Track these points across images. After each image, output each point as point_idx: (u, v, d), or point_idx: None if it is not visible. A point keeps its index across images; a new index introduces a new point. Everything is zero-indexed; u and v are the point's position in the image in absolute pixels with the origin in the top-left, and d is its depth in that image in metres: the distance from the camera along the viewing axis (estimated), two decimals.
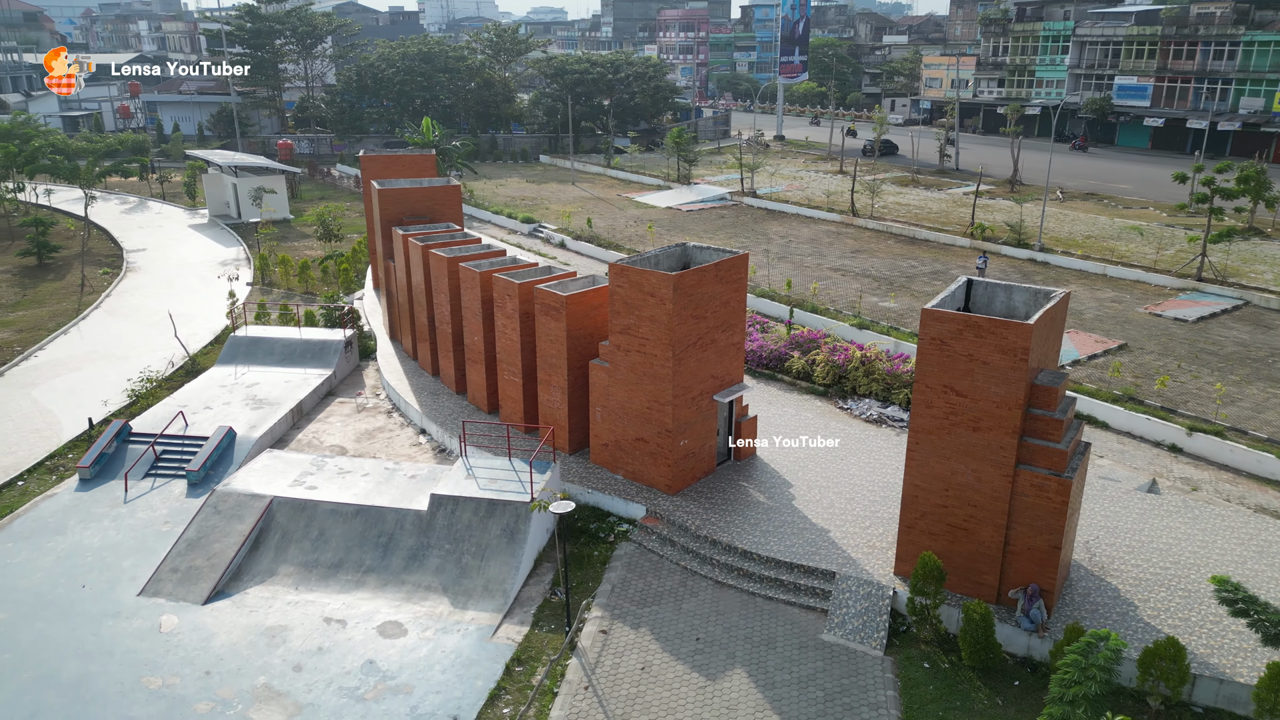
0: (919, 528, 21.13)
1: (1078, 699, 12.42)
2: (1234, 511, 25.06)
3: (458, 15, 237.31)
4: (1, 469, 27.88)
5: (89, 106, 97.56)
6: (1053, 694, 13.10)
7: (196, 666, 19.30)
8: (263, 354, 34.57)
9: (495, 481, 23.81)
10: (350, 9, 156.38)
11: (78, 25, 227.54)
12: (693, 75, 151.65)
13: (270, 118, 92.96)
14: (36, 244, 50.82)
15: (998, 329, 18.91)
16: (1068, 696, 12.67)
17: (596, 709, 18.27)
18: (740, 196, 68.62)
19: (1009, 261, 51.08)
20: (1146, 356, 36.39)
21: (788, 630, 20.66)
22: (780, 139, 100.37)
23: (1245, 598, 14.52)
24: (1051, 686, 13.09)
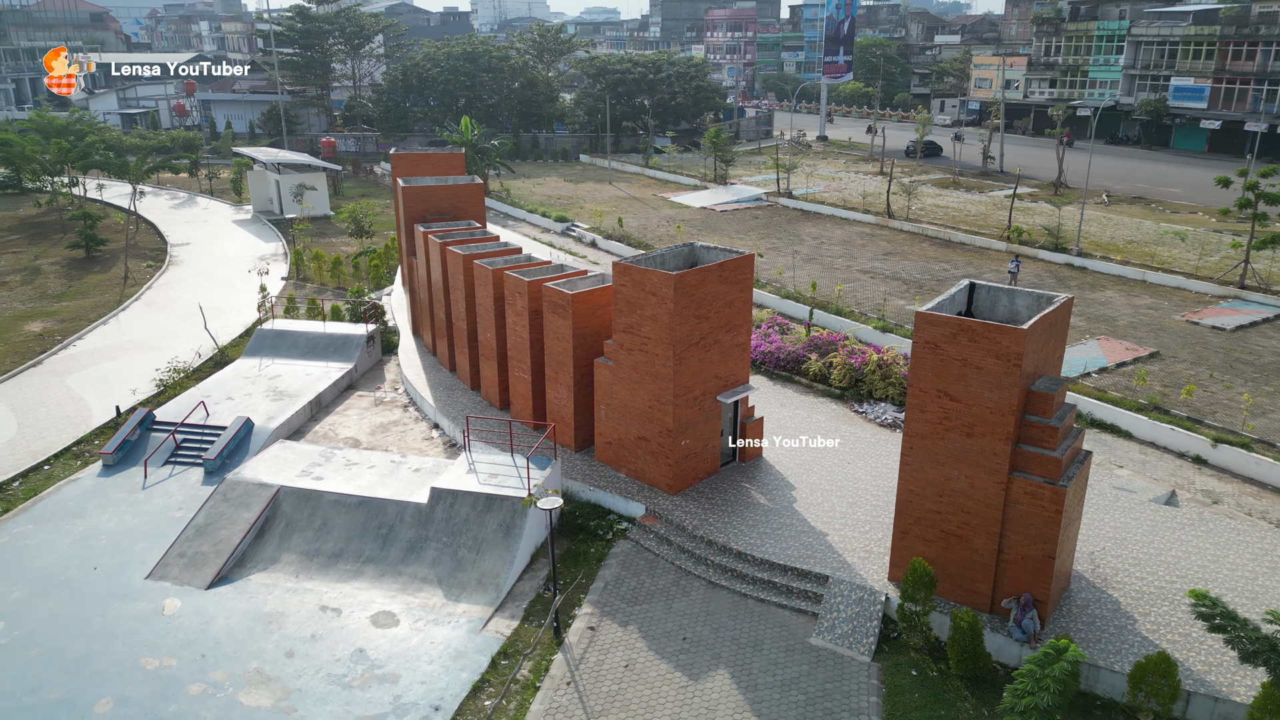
0: (913, 533, 20.88)
1: (1029, 709, 12.20)
2: (1252, 526, 24.32)
3: (509, 15, 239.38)
4: (31, 453, 28.90)
5: (146, 104, 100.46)
6: (1005, 704, 12.89)
7: (194, 649, 19.83)
8: (287, 347, 35.32)
9: (495, 477, 24.06)
10: (402, 9, 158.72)
11: (144, 25, 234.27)
12: (739, 75, 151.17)
13: (319, 116, 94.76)
14: (84, 237, 52.49)
15: (991, 333, 18.61)
16: (1019, 707, 12.46)
17: (576, 704, 18.38)
18: (776, 197, 68.25)
19: (1045, 266, 50.08)
20: (1178, 365, 35.43)
21: (776, 633, 20.56)
22: (823, 139, 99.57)
23: (1223, 613, 14.10)
24: (1005, 697, 12.87)
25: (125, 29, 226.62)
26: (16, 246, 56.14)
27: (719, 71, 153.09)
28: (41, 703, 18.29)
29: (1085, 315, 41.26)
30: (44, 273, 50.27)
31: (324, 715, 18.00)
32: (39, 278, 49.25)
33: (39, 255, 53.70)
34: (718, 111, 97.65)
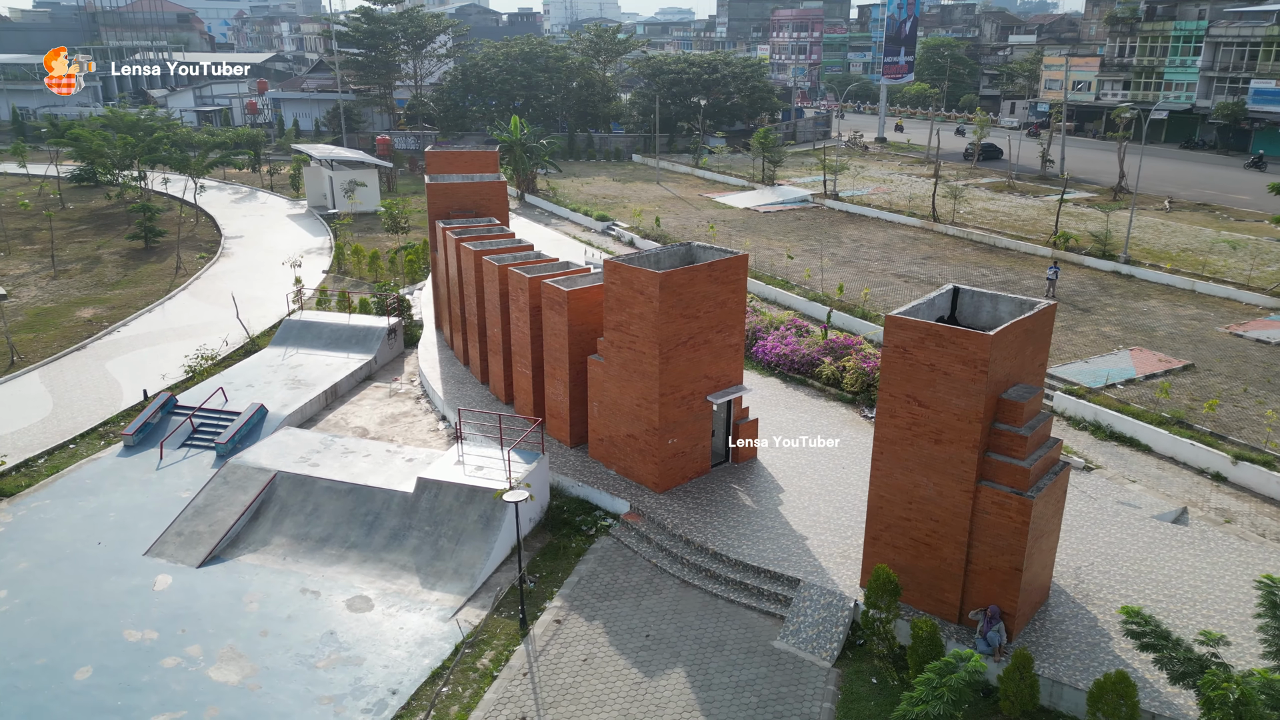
0: (883, 540, 20.60)
1: (920, 717, 12.01)
2: (1259, 547, 23.33)
3: (580, 16, 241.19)
4: (60, 433, 30.38)
5: (220, 102, 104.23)
6: (897, 712, 12.68)
7: (175, 624, 20.67)
8: (312, 338, 36.39)
9: (482, 469, 24.46)
10: (472, 10, 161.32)
11: (231, 27, 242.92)
12: (804, 75, 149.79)
13: (382, 114, 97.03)
14: (143, 229, 54.79)
15: (958, 339, 18.27)
16: (911, 715, 12.26)
17: (529, 695, 18.64)
18: (821, 199, 67.54)
19: (1089, 273, 48.57)
20: (1212, 379, 34.07)
21: (740, 634, 20.50)
22: (881, 141, 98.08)
23: (1155, 632, 13.60)
24: (901, 704, 12.66)
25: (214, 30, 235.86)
26: (83, 236, 58.89)
27: (783, 72, 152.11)
28: (28, 668, 19.29)
29: (1123, 325, 39.94)
30: (104, 262, 52.64)
31: (285, 693, 18.60)
32: (98, 266, 51.60)
33: (101, 245, 56.25)
34: (773, 112, 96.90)
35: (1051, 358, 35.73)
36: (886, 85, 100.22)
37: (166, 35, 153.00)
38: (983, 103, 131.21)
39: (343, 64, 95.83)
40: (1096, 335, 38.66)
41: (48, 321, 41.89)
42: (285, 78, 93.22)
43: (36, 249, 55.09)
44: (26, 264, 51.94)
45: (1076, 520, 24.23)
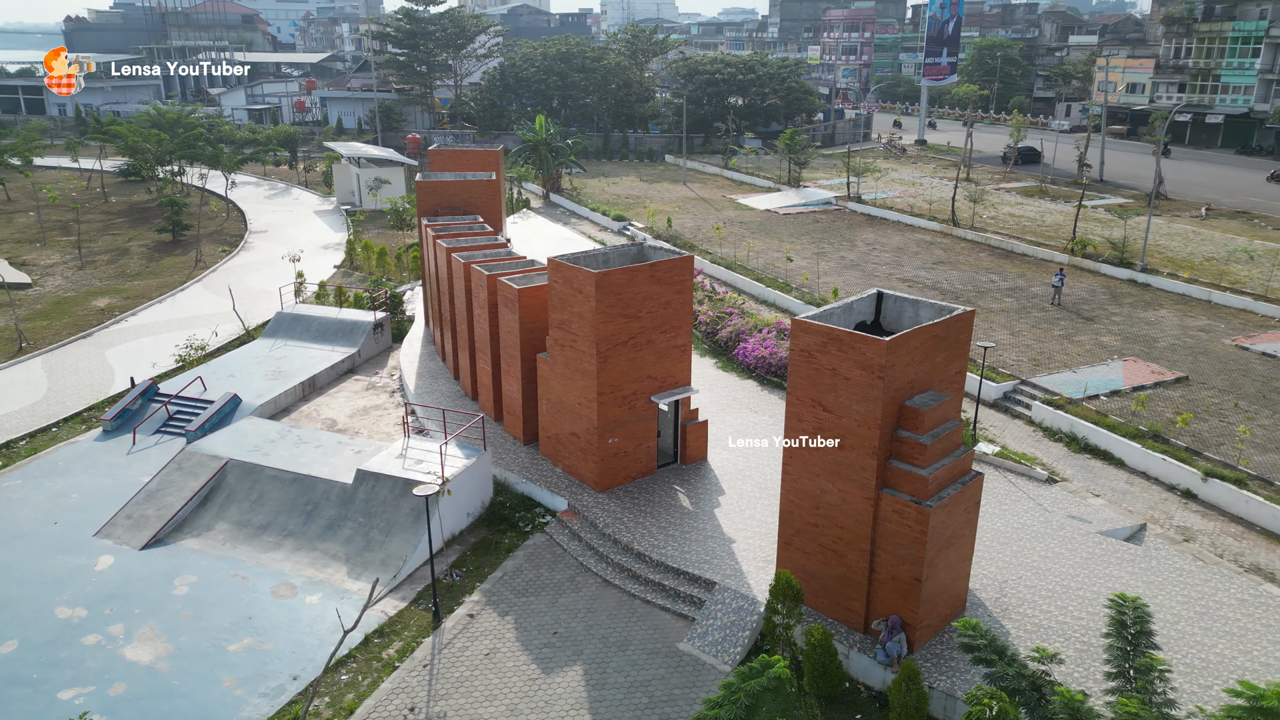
0: (794, 545, 20.38)
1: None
2: (1204, 568, 22.47)
3: (638, 17, 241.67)
4: (48, 416, 31.65)
5: (270, 100, 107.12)
6: (695, 714, 12.57)
7: (106, 603, 21.42)
8: (300, 330, 37.26)
9: (422, 463, 24.80)
10: (524, 11, 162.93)
11: (298, 28, 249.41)
12: (854, 77, 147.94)
13: (423, 114, 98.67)
14: (171, 222, 56.66)
15: (857, 343, 17.99)
16: (706, 717, 12.14)
17: (423, 686, 18.89)
18: (844, 201, 66.73)
19: (1103, 281, 47.15)
20: (1204, 392, 32.84)
21: (648, 635, 20.47)
22: (921, 143, 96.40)
23: (990, 645, 13.20)
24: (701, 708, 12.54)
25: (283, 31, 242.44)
26: (118, 229, 61.12)
27: (832, 73, 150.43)
28: None
29: (1124, 335, 38.71)
30: (131, 254, 54.58)
31: (190, 674, 19.15)
32: (124, 258, 53.52)
33: (132, 238, 58.32)
34: (810, 114, 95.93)
35: (1039, 366, 34.87)
36: (928, 86, 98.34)
37: (230, 36, 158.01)
38: (1036, 105, 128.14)
39: (384, 63, 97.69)
40: (1093, 345, 37.54)
41: (64, 310, 43.63)
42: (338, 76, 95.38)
43: (71, 240, 57.33)
44: (59, 255, 54.11)
45: (1017, 533, 23.64)
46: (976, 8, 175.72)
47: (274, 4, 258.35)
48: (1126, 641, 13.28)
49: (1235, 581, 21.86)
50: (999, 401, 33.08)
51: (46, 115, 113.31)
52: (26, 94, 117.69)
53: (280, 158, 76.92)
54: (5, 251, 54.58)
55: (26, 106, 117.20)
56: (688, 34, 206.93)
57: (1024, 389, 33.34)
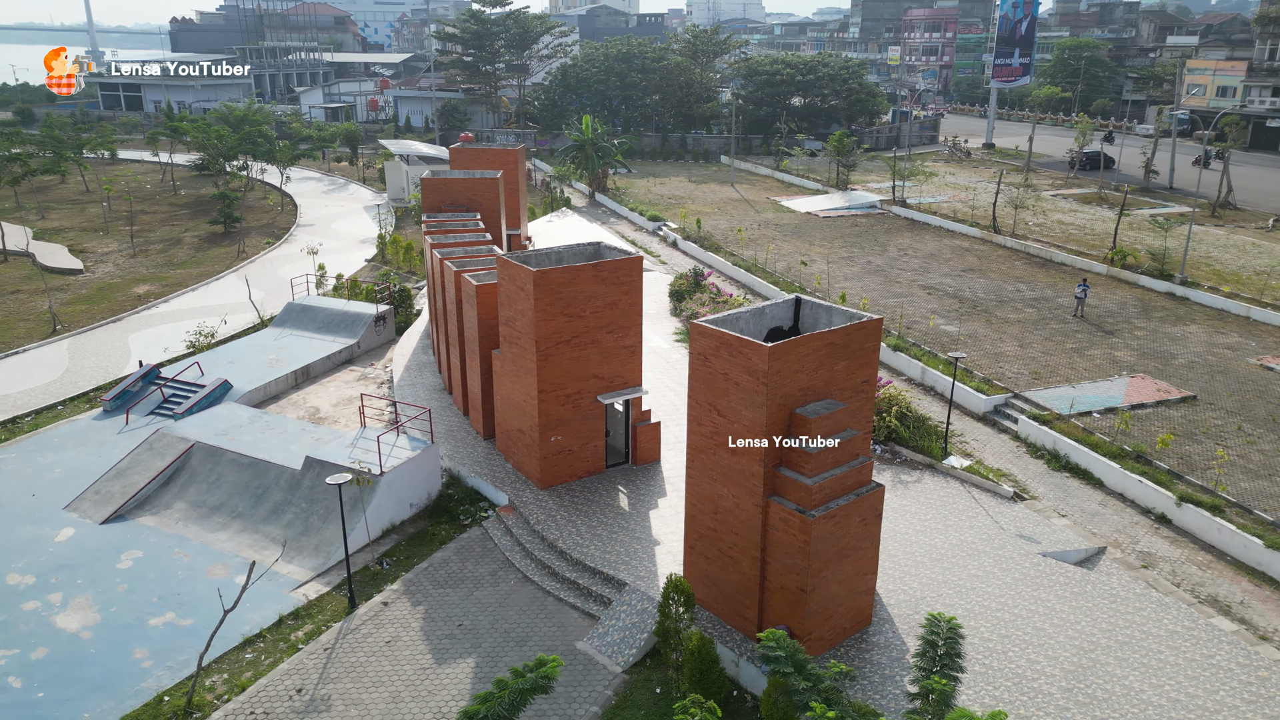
0: (697, 550, 20.21)
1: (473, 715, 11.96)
2: (1153, 597, 21.37)
3: (724, 17, 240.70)
4: (59, 394, 33.54)
5: (346, 98, 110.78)
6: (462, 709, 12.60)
7: (54, 572, 22.65)
8: (307, 321, 38.54)
9: (370, 453, 25.41)
10: (602, 11, 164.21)
11: (394, 29, 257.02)
12: (935, 78, 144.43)
13: (487, 113, 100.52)
14: (223, 215, 59.22)
15: (744, 348, 17.75)
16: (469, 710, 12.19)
17: (318, 669, 19.42)
18: (889, 205, 65.29)
19: (1138, 293, 45.02)
20: (1209, 413, 31.12)
21: (550, 632, 20.59)
22: (989, 147, 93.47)
23: (790, 659, 12.81)
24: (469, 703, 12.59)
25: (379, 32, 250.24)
26: (178, 220, 64.16)
27: (912, 74, 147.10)
28: None
29: (1141, 350, 36.92)
30: (182, 244, 57.26)
31: (108, 644, 20.13)
32: (175, 248, 56.19)
33: (188, 229, 61.15)
34: (872, 115, 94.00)
35: (1038, 380, 33.59)
36: (997, 88, 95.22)
37: (321, 37, 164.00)
38: (1123, 109, 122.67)
39: (451, 63, 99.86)
40: (1105, 359, 35.92)
41: (105, 295, 46.10)
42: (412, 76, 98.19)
43: (135, 228, 60.43)
44: (117, 243, 57.13)
45: (954, 550, 22.89)
46: (1072, 6, 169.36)
47: (373, 6, 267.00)
48: (932, 662, 12.78)
49: (1177, 612, 20.71)
50: (988, 415, 32.00)
51: (141, 111, 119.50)
52: (126, 91, 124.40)
53: (341, 154, 79.49)
54: (69, 239, 57.93)
55: (126, 103, 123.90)
56: (770, 34, 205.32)
57: (1016, 403, 32.16)
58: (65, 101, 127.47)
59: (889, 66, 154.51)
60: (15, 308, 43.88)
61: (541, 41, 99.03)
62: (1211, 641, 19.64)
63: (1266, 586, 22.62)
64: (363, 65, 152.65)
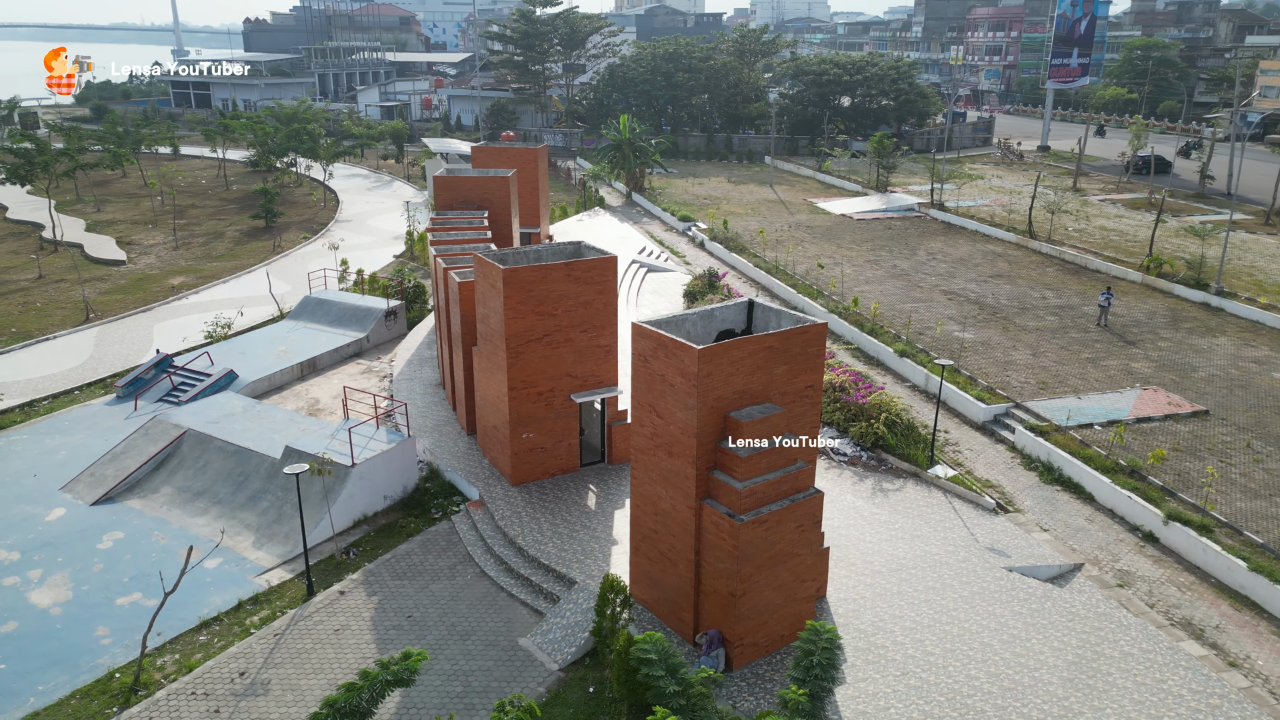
0: (641, 550, 20.19)
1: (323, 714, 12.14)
2: (1119, 617, 20.62)
3: (788, 16, 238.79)
4: (79, 379, 34.90)
5: (401, 97, 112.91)
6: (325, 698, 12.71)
7: (37, 549, 23.61)
8: (321, 314, 39.45)
9: (348, 444, 25.92)
10: (660, 11, 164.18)
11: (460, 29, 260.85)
12: (998, 78, 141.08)
13: (535, 113, 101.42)
14: (263, 209, 60.92)
15: (678, 350, 17.66)
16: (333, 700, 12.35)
17: (264, 653, 19.90)
18: (927, 208, 64.06)
19: (1171, 302, 43.40)
20: (1218, 429, 29.89)
21: (496, 627, 20.77)
22: (1044, 149, 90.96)
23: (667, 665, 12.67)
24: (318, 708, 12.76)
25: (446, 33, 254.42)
26: (225, 214, 66.18)
27: (975, 74, 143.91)
28: None
29: (1160, 362, 35.60)
30: (223, 237, 59.06)
31: (74, 620, 20.93)
32: (216, 241, 57.99)
33: (232, 223, 63.06)
34: (922, 116, 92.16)
35: (1045, 390, 32.68)
36: (1054, 89, 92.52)
37: (385, 37, 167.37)
38: (1195, 110, 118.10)
39: (501, 63, 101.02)
40: (1120, 371, 34.73)
41: (142, 285, 47.83)
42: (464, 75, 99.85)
43: (181, 223, 62.57)
44: (162, 236, 59.18)
45: (916, 560, 22.41)
46: (1148, 5, 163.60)
47: (441, 6, 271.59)
48: (806, 672, 12.55)
49: (1139, 634, 19.96)
50: (987, 424, 31.22)
51: (209, 109, 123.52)
52: (196, 89, 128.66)
53: (387, 151, 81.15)
54: (120, 231, 60.19)
55: (195, 100, 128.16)
56: (833, 33, 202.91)
57: (1017, 413, 31.32)
58: (140, 98, 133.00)
59: (950, 66, 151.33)
60: (56, 296, 45.80)
61: (591, 41, 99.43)
62: (1169, 666, 18.88)
63: (1247, 611, 21.67)
64: (425, 65, 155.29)
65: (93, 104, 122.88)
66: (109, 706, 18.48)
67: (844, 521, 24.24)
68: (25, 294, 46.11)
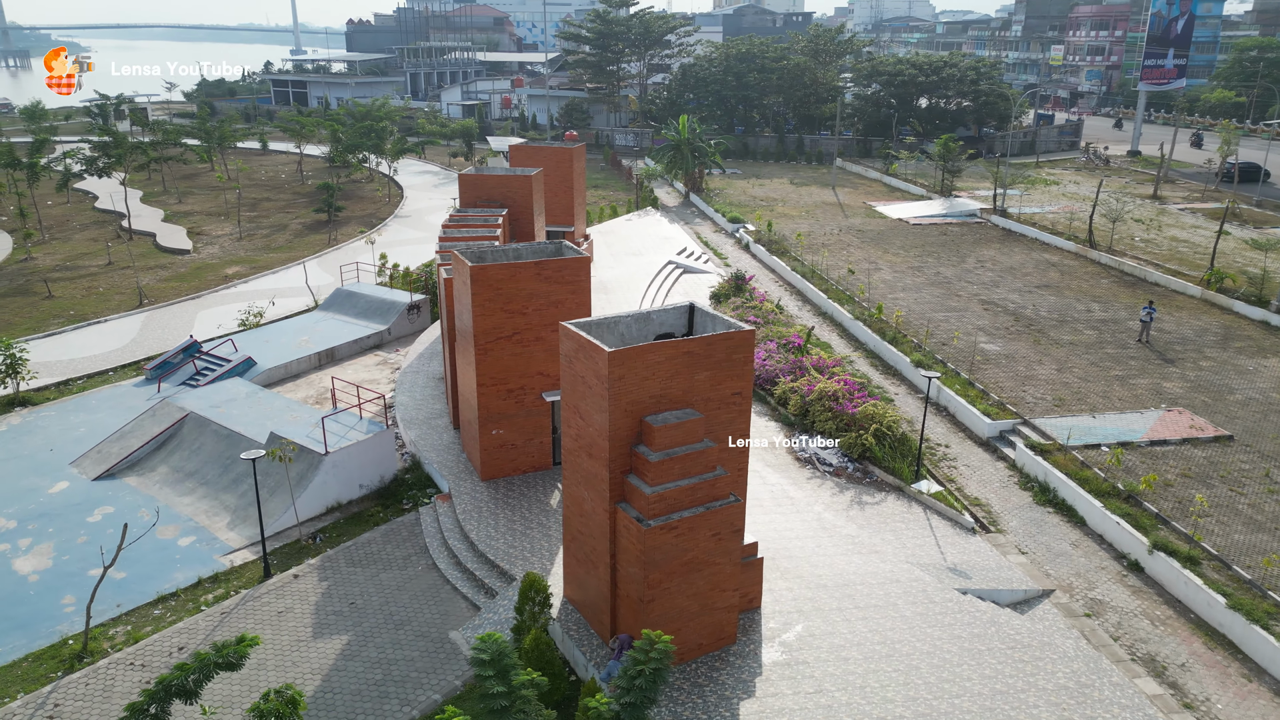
0: (571, 551, 20.17)
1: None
2: (1072, 648, 19.57)
3: (887, 15, 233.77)
4: (117, 360, 36.85)
5: (481, 96, 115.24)
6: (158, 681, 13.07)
7: (34, 520, 25.07)
8: (349, 306, 40.66)
9: (330, 434, 26.67)
10: (748, 11, 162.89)
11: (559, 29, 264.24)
12: (1100, 79, 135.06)
13: (609, 112, 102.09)
14: (326, 204, 63.11)
15: (592, 352, 17.59)
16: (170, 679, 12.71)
17: (207, 631, 20.67)
18: (989, 214, 61.85)
19: (1227, 319, 40.86)
20: (1240, 456, 28.06)
21: (432, 619, 21.08)
22: (1134, 154, 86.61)
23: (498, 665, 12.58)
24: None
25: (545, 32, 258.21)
26: (295, 208, 68.76)
27: (1075, 74, 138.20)
28: None
29: (1195, 383, 33.59)
30: (285, 229, 61.40)
31: (47, 588, 22.16)
32: (278, 233, 60.34)
33: (297, 216, 65.50)
34: (1003, 119, 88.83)
35: (1060, 407, 31.29)
36: (1146, 91, 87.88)
37: (479, 37, 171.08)
38: None
39: (576, 63, 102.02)
40: (1149, 390, 32.92)
41: (199, 274, 50.17)
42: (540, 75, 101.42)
43: (251, 215, 65.35)
44: (231, 227, 61.93)
45: (865, 577, 21.75)
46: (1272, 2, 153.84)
47: (539, 7, 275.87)
48: (630, 682, 12.31)
49: (1086, 666, 18.90)
50: (991, 440, 30.04)
51: (306, 106, 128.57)
52: (294, 87, 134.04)
53: (457, 149, 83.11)
54: (193, 222, 63.24)
55: (294, 98, 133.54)
56: (932, 32, 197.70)
57: (1024, 430, 30.03)
58: (243, 96, 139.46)
59: (1050, 67, 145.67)
60: (119, 282, 48.44)
61: (666, 40, 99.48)
62: (1106, 703, 17.82)
63: (1221, 650, 20.29)
64: (516, 65, 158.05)
65: (200, 101, 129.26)
66: (54, 670, 19.51)
67: (805, 533, 23.70)
68: (92, 279, 48.91)
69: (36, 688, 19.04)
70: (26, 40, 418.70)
